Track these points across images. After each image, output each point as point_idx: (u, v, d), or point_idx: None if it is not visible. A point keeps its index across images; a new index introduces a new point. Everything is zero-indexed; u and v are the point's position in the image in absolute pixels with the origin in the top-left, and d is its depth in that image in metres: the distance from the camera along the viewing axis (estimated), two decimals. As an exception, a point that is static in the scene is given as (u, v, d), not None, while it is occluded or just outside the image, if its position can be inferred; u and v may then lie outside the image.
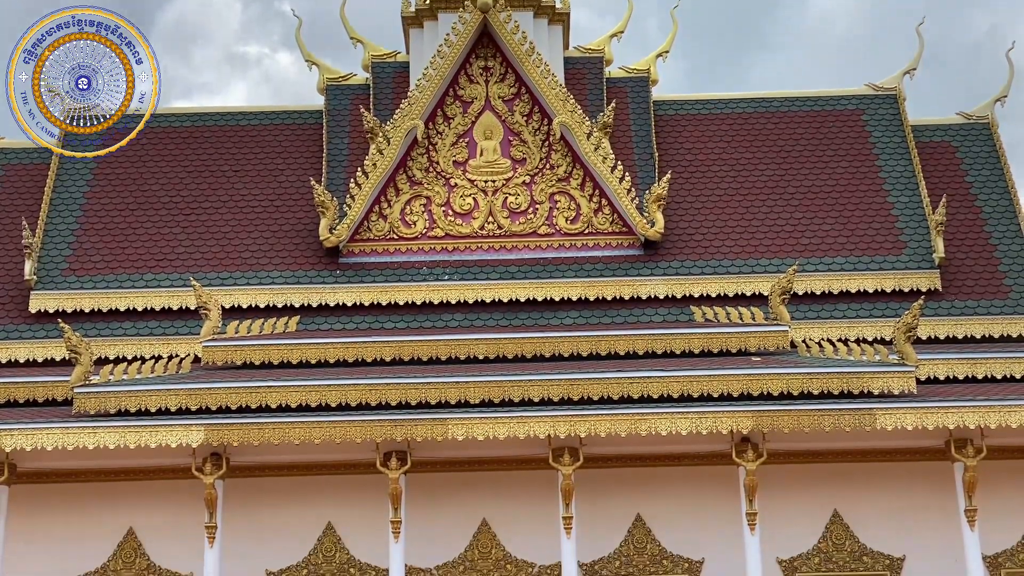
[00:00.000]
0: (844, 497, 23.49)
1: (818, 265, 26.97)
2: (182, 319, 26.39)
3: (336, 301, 26.61)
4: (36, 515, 23.28)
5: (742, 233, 27.71)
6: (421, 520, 22.98)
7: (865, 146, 29.27)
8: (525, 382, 22.57)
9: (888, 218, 27.83)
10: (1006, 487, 23.17)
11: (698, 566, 23.34)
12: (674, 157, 29.19)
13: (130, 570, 23.34)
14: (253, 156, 29.48)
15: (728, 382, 22.48)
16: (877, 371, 22.59)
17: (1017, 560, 23.22)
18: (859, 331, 26.02)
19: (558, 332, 24.95)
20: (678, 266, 27.05)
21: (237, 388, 22.53)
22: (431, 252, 27.33)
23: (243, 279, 26.89)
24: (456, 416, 22.01)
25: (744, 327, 24.63)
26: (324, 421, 22.00)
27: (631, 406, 22.20)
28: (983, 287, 26.87)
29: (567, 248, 27.39)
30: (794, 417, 21.95)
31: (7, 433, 21.83)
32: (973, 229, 27.97)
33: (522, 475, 23.25)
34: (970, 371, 24.65)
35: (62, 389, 23.88)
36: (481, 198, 27.69)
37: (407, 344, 24.49)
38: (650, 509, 23.54)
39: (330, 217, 27.12)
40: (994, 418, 21.84)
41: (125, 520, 23.51)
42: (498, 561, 23.39)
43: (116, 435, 21.91)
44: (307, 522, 23.48)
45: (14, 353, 26.00)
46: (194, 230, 27.93)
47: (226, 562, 22.49)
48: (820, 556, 23.36)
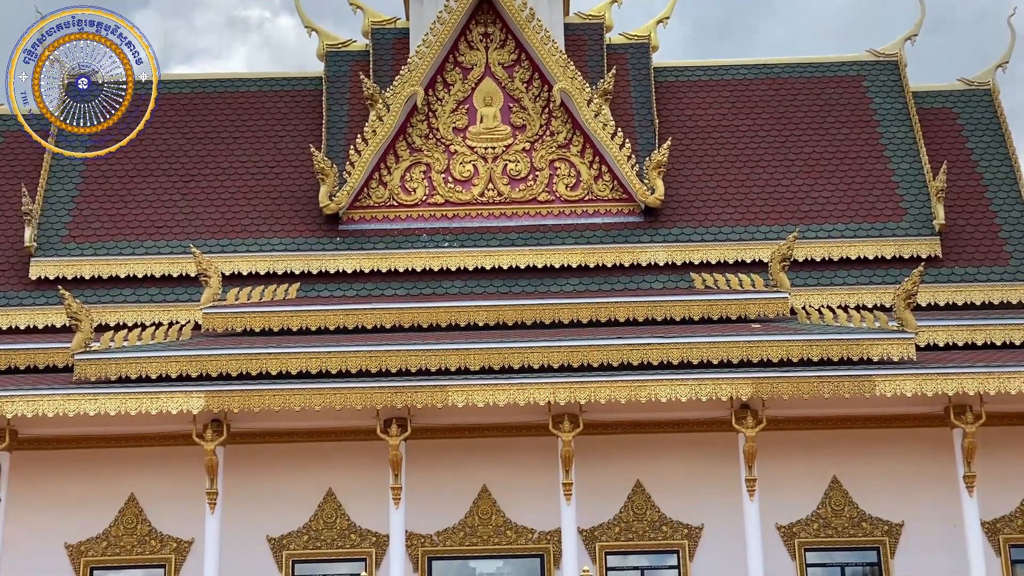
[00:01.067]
0: (843, 463, 23.56)
1: (818, 232, 26.94)
2: (182, 286, 26.40)
3: (336, 268, 26.61)
4: (37, 481, 23.34)
5: (742, 200, 27.68)
6: (421, 486, 23.05)
7: (866, 112, 29.19)
8: (525, 349, 22.59)
9: (888, 184, 27.79)
10: (1005, 453, 23.23)
11: (697, 532, 23.42)
12: (674, 124, 29.13)
13: (132, 536, 23.44)
14: (253, 123, 29.42)
15: (728, 349, 22.50)
16: (877, 338, 22.60)
17: (1015, 525, 23.30)
18: (859, 298, 26.03)
19: (558, 299, 24.95)
20: (678, 233, 27.03)
21: (237, 355, 22.56)
22: (431, 219, 27.30)
23: (243, 246, 26.88)
24: (456, 383, 22.04)
25: (744, 294, 24.63)
26: (324, 388, 22.04)
27: (631, 373, 22.23)
28: (983, 254, 26.85)
29: (567, 215, 27.35)
30: (793, 384, 21.98)
31: (8, 400, 21.87)
32: (973, 195, 27.94)
33: (522, 442, 23.31)
34: (970, 338, 24.67)
35: (63, 356, 23.92)
36: (481, 165, 27.64)
37: (407, 311, 24.50)
38: (650, 475, 23.61)
39: (330, 184, 27.08)
40: (993, 384, 21.88)
41: (126, 486, 23.60)
42: (498, 527, 23.47)
43: (117, 402, 21.95)
44: (308, 488, 23.56)
45: (14, 320, 26.02)
46: (194, 197, 27.91)
47: (227, 528, 22.57)
48: (819, 522, 23.44)
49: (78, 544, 23.39)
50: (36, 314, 26.04)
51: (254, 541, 23.35)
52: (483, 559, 23.50)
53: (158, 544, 23.39)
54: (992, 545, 23.10)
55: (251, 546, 23.29)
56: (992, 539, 23.15)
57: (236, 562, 22.80)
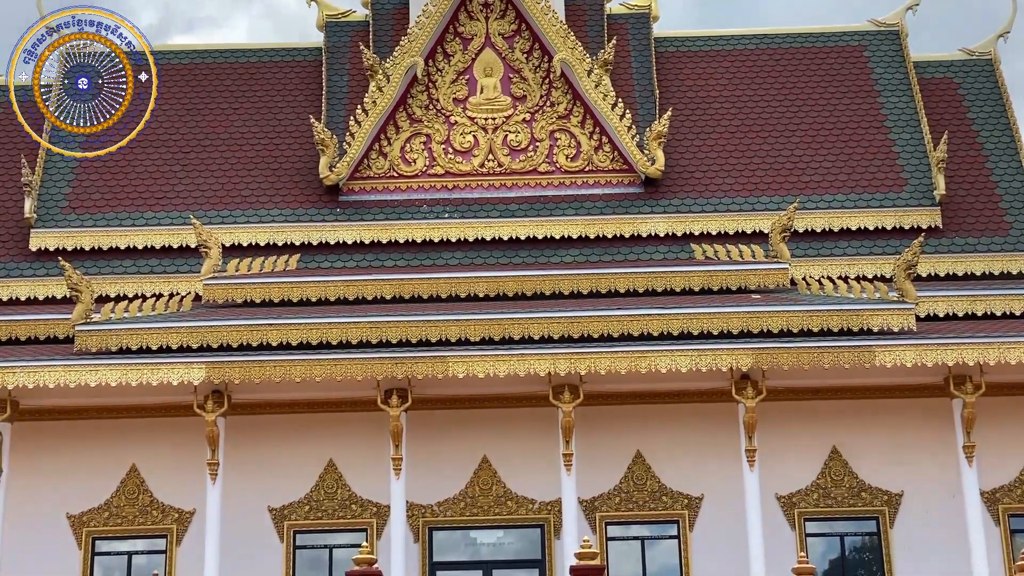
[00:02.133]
0: (843, 433, 23.60)
1: (819, 202, 26.92)
2: (182, 257, 26.39)
3: (336, 239, 26.59)
4: (39, 452, 23.40)
5: (743, 171, 27.64)
6: (422, 457, 23.10)
7: (867, 82, 29.13)
8: (525, 320, 22.61)
9: (889, 155, 27.75)
10: (1004, 423, 23.28)
11: (697, 502, 23.48)
12: (675, 94, 29.06)
13: (133, 506, 23.51)
14: (252, 93, 29.36)
15: (728, 319, 22.52)
16: (877, 308, 22.62)
17: (1014, 495, 23.36)
18: (859, 268, 26.03)
19: (558, 270, 24.96)
20: (678, 204, 27.00)
21: (238, 326, 22.58)
22: (431, 190, 27.27)
23: (243, 217, 26.86)
24: (457, 353, 22.06)
25: (744, 265, 24.63)
26: (325, 359, 22.06)
27: (631, 343, 22.25)
28: (984, 224, 26.84)
29: (567, 186, 27.32)
30: (794, 354, 22.00)
31: (9, 370, 21.90)
32: (974, 166, 27.90)
33: (522, 412, 23.36)
34: (970, 308, 24.68)
35: (63, 327, 23.94)
36: (481, 136, 27.59)
37: (407, 282, 24.50)
38: (650, 446, 23.66)
39: (330, 155, 27.04)
40: (993, 355, 21.90)
41: (128, 457, 23.66)
42: (499, 497, 23.53)
43: (118, 373, 21.99)
44: (309, 459, 23.62)
45: (15, 291, 26.02)
46: (194, 168, 27.88)
47: (228, 498, 22.64)
48: (819, 492, 23.49)
49: (80, 515, 23.47)
50: (36, 285, 26.04)
51: (255, 511, 23.42)
52: (483, 529, 23.57)
53: (160, 514, 23.46)
54: (991, 515, 23.16)
55: (252, 516, 23.36)
56: (991, 509, 23.21)
57: (237, 532, 22.88)
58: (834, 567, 23.44)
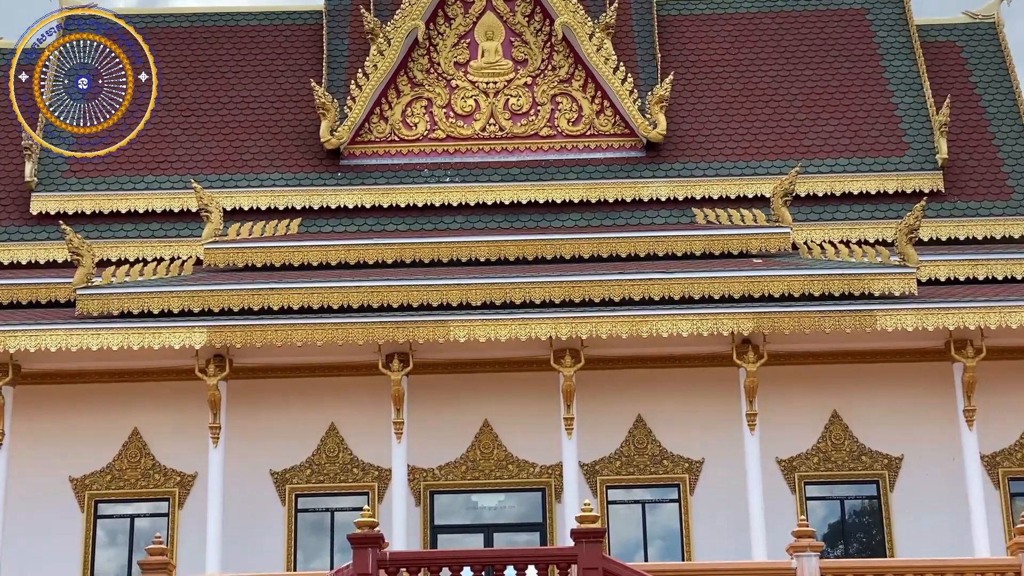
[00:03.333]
0: (843, 398, 23.64)
1: (820, 167, 26.87)
2: (183, 221, 26.36)
3: (337, 203, 26.56)
4: (41, 415, 23.45)
5: (744, 135, 27.57)
6: (423, 421, 23.15)
7: (869, 46, 29.02)
8: (527, 284, 22.61)
9: (892, 119, 27.68)
10: (1005, 387, 23.31)
11: (698, 466, 23.54)
12: (676, 58, 28.96)
13: (135, 469, 23.58)
14: (253, 57, 29.27)
15: (729, 284, 22.52)
16: (878, 272, 22.62)
17: (1014, 459, 23.42)
18: (861, 233, 25.99)
19: (560, 234, 24.94)
20: (680, 168, 26.95)
21: (239, 290, 22.60)
22: (432, 154, 27.22)
23: (244, 181, 26.83)
24: (458, 318, 22.08)
25: (746, 229, 24.60)
26: (326, 323, 22.08)
27: (632, 308, 22.26)
28: (986, 188, 26.79)
29: (569, 150, 27.26)
30: (795, 319, 22.02)
31: (11, 334, 21.93)
32: (977, 130, 27.83)
33: (524, 376, 23.39)
34: (971, 272, 24.68)
35: (64, 291, 23.96)
36: (482, 100, 27.52)
37: (409, 246, 24.49)
38: (651, 410, 23.70)
39: (331, 119, 26.98)
40: (994, 319, 21.92)
41: (130, 420, 23.72)
42: (500, 461, 23.59)
43: (119, 336, 22.02)
44: (310, 423, 23.67)
45: (16, 255, 26.01)
46: (194, 132, 27.82)
47: (230, 462, 22.70)
48: (819, 456, 23.55)
49: (82, 477, 23.54)
50: (37, 249, 26.01)
51: (257, 475, 23.49)
52: (485, 493, 23.64)
53: (162, 478, 23.53)
54: (991, 478, 23.23)
55: (254, 480, 23.43)
56: (991, 472, 23.28)
57: (239, 496, 22.96)
58: (834, 530, 23.52)
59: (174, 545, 23.05)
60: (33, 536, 23.06)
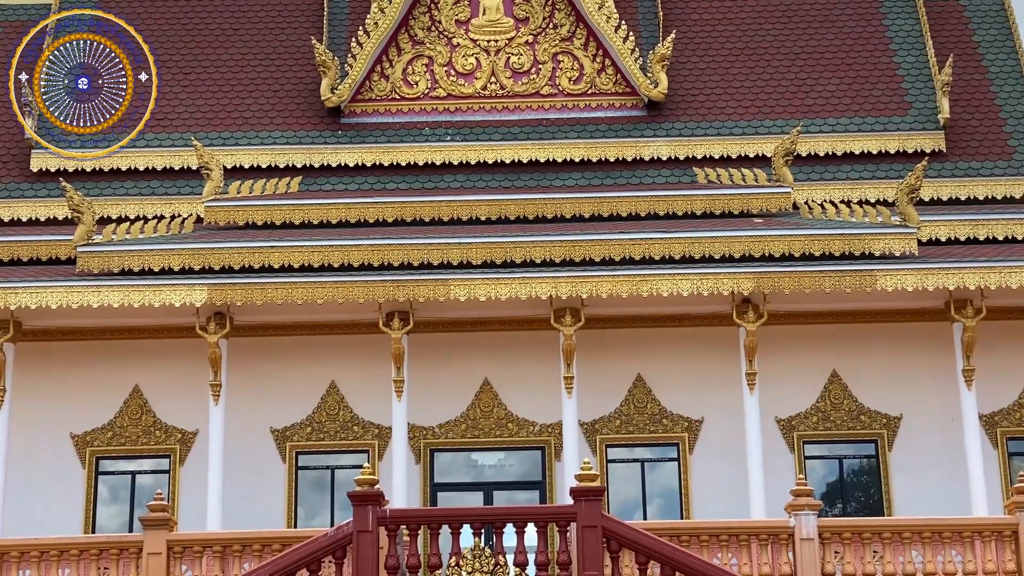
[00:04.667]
0: (843, 357, 23.68)
1: (822, 126, 26.80)
2: (184, 179, 26.33)
3: (338, 161, 26.51)
4: (42, 373, 23.50)
5: (746, 94, 27.49)
6: (423, 379, 23.20)
7: (872, 4, 28.88)
8: (527, 243, 22.61)
9: (894, 78, 27.58)
10: (1004, 347, 23.35)
11: (697, 425, 23.61)
12: (678, 17, 28.83)
13: (136, 427, 23.65)
14: (254, 15, 29.15)
15: (730, 243, 22.52)
16: (879, 232, 22.61)
17: (1013, 419, 23.48)
18: (862, 192, 25.95)
19: (560, 193, 24.92)
20: (681, 127, 26.89)
21: (240, 248, 22.61)
22: (433, 112, 27.15)
23: (244, 139, 26.78)
24: (458, 276, 22.09)
25: (747, 188, 24.58)
26: (327, 281, 22.10)
27: (633, 267, 22.27)
28: (988, 148, 26.73)
29: (570, 109, 27.19)
30: (795, 278, 22.03)
31: (11, 291, 21.95)
32: (979, 89, 27.74)
33: (524, 335, 23.42)
34: (972, 232, 24.66)
35: (65, 248, 23.97)
36: (483, 58, 27.43)
37: (409, 205, 24.47)
38: (651, 369, 23.75)
39: (331, 77, 26.90)
40: (994, 279, 21.92)
41: (131, 378, 23.78)
42: (499, 420, 23.66)
43: (120, 294, 22.04)
44: (311, 381, 23.72)
45: (16, 212, 25.99)
46: (195, 89, 27.74)
47: (231, 419, 22.77)
48: (818, 415, 23.61)
49: (83, 434, 23.62)
50: (38, 206, 25.99)
51: (258, 432, 23.57)
52: (484, 451, 23.72)
53: (163, 435, 23.61)
54: (989, 438, 23.29)
55: (255, 437, 23.51)
56: (990, 432, 23.34)
57: (240, 453, 23.04)
58: (832, 489, 23.61)
59: (175, 501, 23.16)
60: (35, 493, 23.16)
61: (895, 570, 18.94)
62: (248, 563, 18.81)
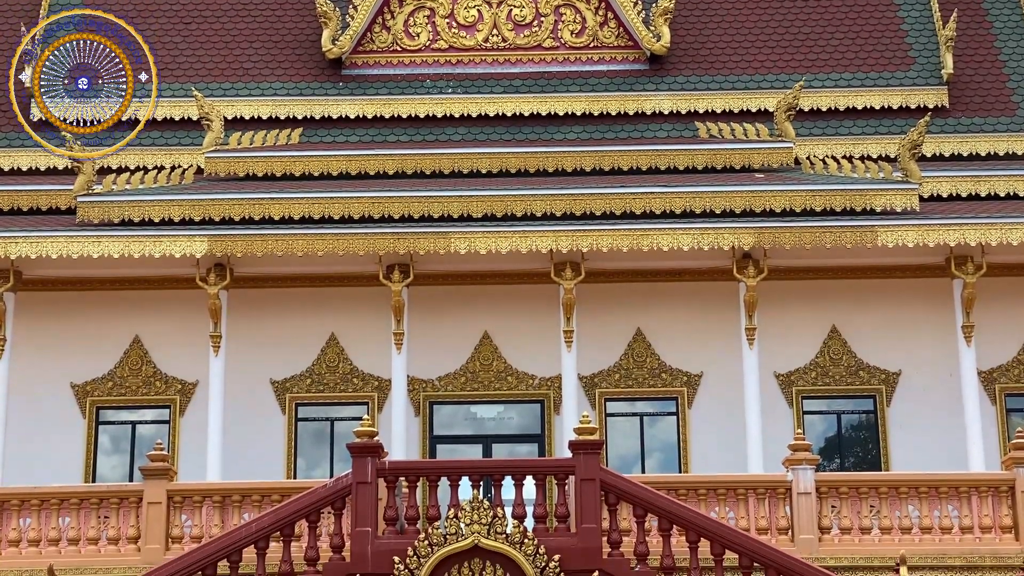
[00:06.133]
0: (842, 313, 23.70)
1: (825, 81, 26.69)
2: (184, 129, 26.24)
3: (339, 113, 26.43)
4: (42, 322, 23.52)
5: (749, 48, 27.36)
6: (423, 332, 23.23)
7: (877, -41, 28.69)
8: (528, 196, 22.58)
9: (897, 33, 27.44)
10: (1004, 304, 23.36)
11: (696, 380, 23.65)
12: (682, -31, 28.64)
13: (137, 377, 23.70)
14: (254, -36, 28.97)
15: (731, 198, 22.49)
16: (880, 188, 22.57)
17: (1011, 375, 23.52)
18: (864, 148, 25.86)
19: (561, 147, 24.85)
20: (683, 81, 26.78)
21: (240, 199, 22.58)
22: (434, 64, 27.03)
23: (245, 90, 26.67)
24: (459, 229, 22.08)
25: (748, 143, 24.51)
26: (327, 233, 22.09)
27: (634, 221, 22.25)
28: (991, 104, 26.61)
29: (572, 62, 27.08)
30: (796, 233, 22.02)
31: (12, 241, 21.95)
32: (983, 45, 27.60)
33: (524, 289, 23.44)
34: (973, 188, 24.60)
35: (65, 198, 23.90)
36: (485, 10, 27.28)
37: (410, 157, 24.42)
38: (650, 323, 23.78)
39: (332, 28, 26.77)
40: (995, 235, 21.91)
41: (131, 328, 23.81)
42: (499, 373, 23.70)
43: (120, 244, 22.04)
44: (311, 333, 23.75)
45: (16, 161, 25.93)
46: (195, 39, 27.62)
47: (231, 371, 22.81)
48: (817, 370, 23.65)
49: (84, 384, 23.67)
50: (38, 155, 25.91)
51: (258, 384, 23.62)
52: (484, 404, 23.79)
53: (163, 385, 23.66)
54: (988, 394, 23.34)
55: (255, 389, 23.56)
56: (988, 388, 23.39)
57: (240, 404, 23.10)
58: (831, 444, 23.69)
59: (175, 452, 23.24)
60: (35, 442, 23.22)
61: (891, 524, 19.05)
62: (248, 513, 18.94)
